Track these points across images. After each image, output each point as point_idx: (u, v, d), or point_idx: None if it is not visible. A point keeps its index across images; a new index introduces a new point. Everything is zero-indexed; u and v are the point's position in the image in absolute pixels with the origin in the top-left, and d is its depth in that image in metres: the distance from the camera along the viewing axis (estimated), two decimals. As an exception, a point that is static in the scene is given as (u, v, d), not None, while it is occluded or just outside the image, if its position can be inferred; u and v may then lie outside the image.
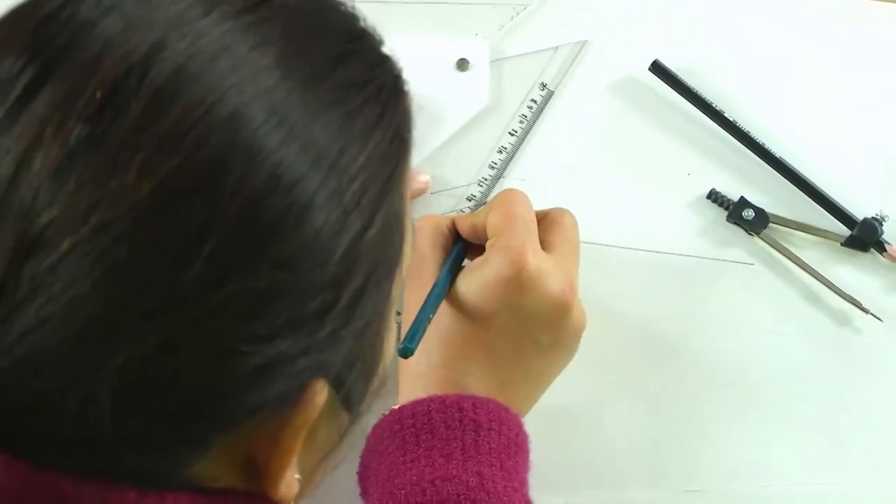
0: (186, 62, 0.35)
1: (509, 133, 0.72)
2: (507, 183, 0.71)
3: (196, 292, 0.35)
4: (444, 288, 0.60)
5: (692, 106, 0.71)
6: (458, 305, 0.60)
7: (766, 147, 0.70)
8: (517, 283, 0.58)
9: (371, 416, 0.60)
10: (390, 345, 0.47)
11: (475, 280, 0.59)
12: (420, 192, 0.70)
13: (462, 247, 0.64)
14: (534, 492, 0.59)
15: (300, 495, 0.43)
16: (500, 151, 0.72)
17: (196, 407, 0.37)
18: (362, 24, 0.42)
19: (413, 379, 0.61)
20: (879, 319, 0.69)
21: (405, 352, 0.56)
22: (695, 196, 0.71)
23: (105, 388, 0.35)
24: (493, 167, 0.71)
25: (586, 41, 0.72)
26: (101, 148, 0.34)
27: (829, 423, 0.69)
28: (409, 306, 0.61)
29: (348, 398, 0.42)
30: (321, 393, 0.39)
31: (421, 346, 0.59)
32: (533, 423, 0.61)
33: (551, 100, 0.72)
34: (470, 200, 0.71)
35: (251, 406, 0.38)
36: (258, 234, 0.35)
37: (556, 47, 0.72)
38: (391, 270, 0.43)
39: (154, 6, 0.37)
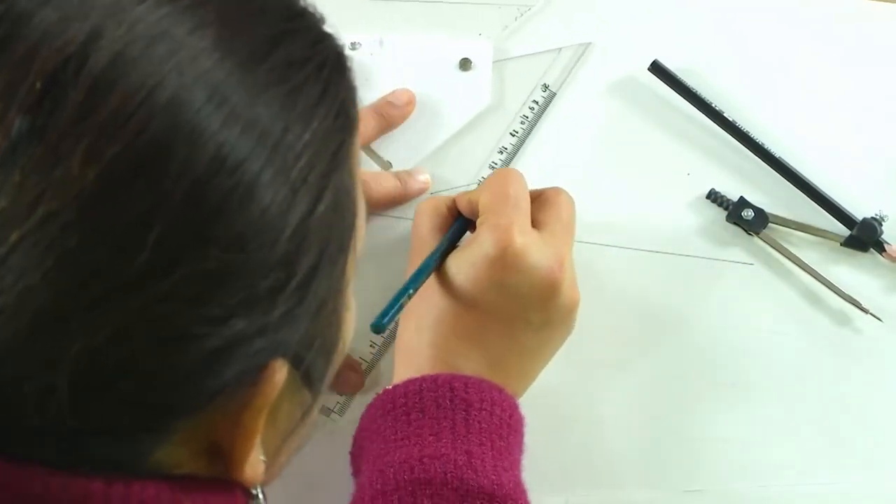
0: (124, 49, 0.35)
1: (510, 133, 0.72)
2: None
3: (146, 277, 0.35)
4: (430, 266, 0.60)
5: (692, 106, 0.71)
6: (447, 284, 0.60)
7: (766, 147, 0.70)
8: (503, 261, 0.58)
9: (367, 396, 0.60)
10: (350, 322, 0.47)
11: (463, 260, 0.60)
12: (420, 192, 0.70)
13: (460, 224, 0.64)
14: (533, 492, 0.59)
15: (266, 477, 0.43)
16: (501, 152, 0.72)
17: (155, 393, 0.37)
18: (301, 2, 0.42)
19: (407, 359, 0.61)
20: (879, 319, 0.69)
21: (377, 328, 0.56)
22: (694, 196, 0.71)
23: (62, 379, 0.35)
24: (493, 167, 0.71)
25: (590, 43, 0.72)
26: (43, 138, 0.34)
27: (829, 423, 0.69)
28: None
29: (309, 375, 0.43)
30: (280, 372, 0.40)
31: (415, 325, 0.59)
32: (533, 423, 0.61)
33: (553, 101, 0.72)
34: None
35: (211, 389, 0.38)
36: (205, 215, 0.36)
37: (560, 49, 0.72)
38: (344, 247, 0.43)
39: None
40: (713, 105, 0.70)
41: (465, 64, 0.72)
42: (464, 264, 0.60)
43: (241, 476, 0.41)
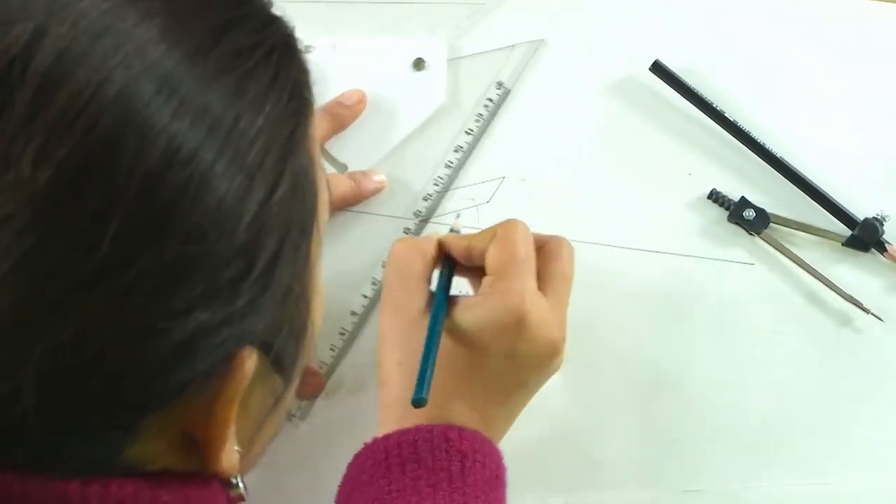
0: (69, 45, 0.35)
1: (466, 132, 0.72)
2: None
3: (105, 274, 0.35)
4: (441, 326, 0.59)
5: (693, 106, 0.71)
6: (451, 342, 0.59)
7: (767, 147, 0.70)
8: (516, 331, 0.57)
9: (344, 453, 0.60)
10: (319, 305, 0.46)
11: (472, 321, 0.58)
12: (375, 191, 0.70)
13: (450, 273, 0.62)
14: (534, 492, 0.59)
15: (242, 466, 0.43)
16: (457, 150, 0.72)
17: (124, 390, 0.37)
18: None
19: (396, 412, 0.59)
20: (880, 319, 0.69)
21: (418, 403, 0.55)
22: (695, 196, 0.71)
23: (28, 381, 0.35)
24: (449, 166, 0.71)
25: (542, 39, 0.73)
26: None
27: (829, 423, 0.69)
28: (390, 336, 0.60)
29: (279, 361, 0.42)
30: (249, 360, 0.39)
31: (405, 380, 0.58)
32: (533, 423, 0.61)
33: (508, 98, 0.72)
34: (426, 200, 0.71)
35: (179, 382, 0.38)
36: (160, 209, 0.35)
37: (513, 46, 0.73)
38: (306, 229, 0.42)
39: None
40: (714, 105, 0.70)
41: (419, 64, 0.72)
42: (473, 327, 0.58)
43: (218, 467, 0.41)
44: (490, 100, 0.72)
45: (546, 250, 0.61)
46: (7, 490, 0.36)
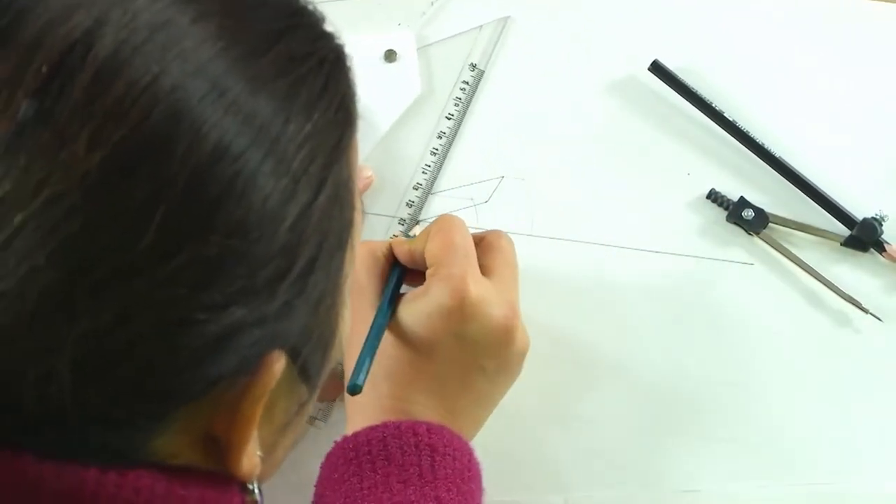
0: (128, 37, 0.36)
1: (446, 117, 0.72)
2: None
3: (149, 262, 0.35)
4: (386, 319, 0.61)
5: (692, 106, 0.71)
6: (401, 335, 0.61)
7: (766, 147, 0.70)
8: (460, 312, 0.59)
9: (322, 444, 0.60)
10: (346, 320, 0.47)
11: (418, 310, 0.60)
12: (365, 188, 0.70)
13: (400, 273, 0.64)
14: (533, 491, 0.59)
15: (262, 472, 0.43)
16: (440, 136, 0.72)
17: (155, 379, 0.37)
18: (302, 1, 0.43)
19: (361, 409, 0.61)
20: (879, 319, 0.69)
21: (353, 389, 0.57)
22: (694, 196, 0.71)
23: (64, 364, 0.35)
24: (434, 153, 0.72)
25: (508, 17, 0.73)
26: (49, 122, 0.35)
27: (828, 423, 0.69)
28: (352, 339, 0.60)
29: (305, 370, 0.43)
30: (278, 363, 0.40)
31: (367, 377, 0.59)
32: (533, 423, 0.61)
33: (483, 79, 0.72)
34: (416, 189, 0.71)
35: (209, 377, 0.38)
36: (207, 202, 0.36)
37: (480, 26, 0.73)
38: (342, 241, 0.43)
39: None
40: (713, 105, 0.70)
41: (390, 55, 0.72)
42: (419, 315, 0.60)
43: (238, 469, 0.41)
44: (466, 82, 0.72)
45: (485, 243, 0.63)
46: (24, 472, 0.36)
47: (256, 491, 0.44)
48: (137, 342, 0.36)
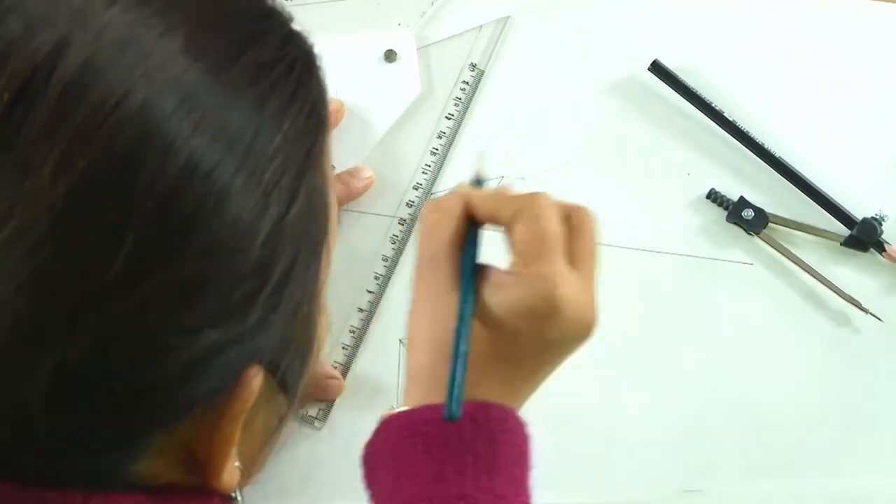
0: (92, 56, 0.35)
1: (446, 117, 0.72)
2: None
3: (121, 288, 0.34)
4: (469, 338, 0.55)
5: (692, 106, 0.71)
6: (481, 328, 0.56)
7: (766, 147, 0.70)
8: (549, 318, 0.54)
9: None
10: (324, 325, 0.46)
11: (503, 303, 0.55)
12: (364, 189, 0.70)
13: (476, 242, 0.57)
14: (536, 492, 0.59)
15: (242, 482, 0.43)
16: (440, 136, 0.72)
17: (132, 406, 0.36)
18: (269, 2, 0.42)
19: (423, 385, 0.56)
20: (879, 319, 0.69)
21: (451, 418, 0.53)
22: (694, 196, 0.71)
23: (38, 394, 0.34)
24: (434, 153, 0.72)
25: (509, 16, 0.73)
26: (12, 149, 0.34)
27: (828, 423, 0.69)
28: (420, 307, 0.57)
29: (284, 381, 0.42)
30: (256, 378, 0.39)
31: (434, 355, 0.55)
32: (534, 422, 0.61)
33: (483, 79, 0.72)
34: (416, 189, 0.71)
35: (188, 401, 0.38)
36: (178, 224, 0.35)
37: (480, 26, 0.73)
38: (317, 250, 0.42)
39: (55, 3, 0.36)
40: (713, 105, 0.70)
41: (390, 55, 0.72)
42: (503, 308, 0.55)
43: (218, 484, 0.41)
44: (466, 82, 0.72)
45: (573, 226, 0.57)
46: (7, 501, 0.36)
47: (238, 496, 0.44)
48: (113, 371, 0.35)
